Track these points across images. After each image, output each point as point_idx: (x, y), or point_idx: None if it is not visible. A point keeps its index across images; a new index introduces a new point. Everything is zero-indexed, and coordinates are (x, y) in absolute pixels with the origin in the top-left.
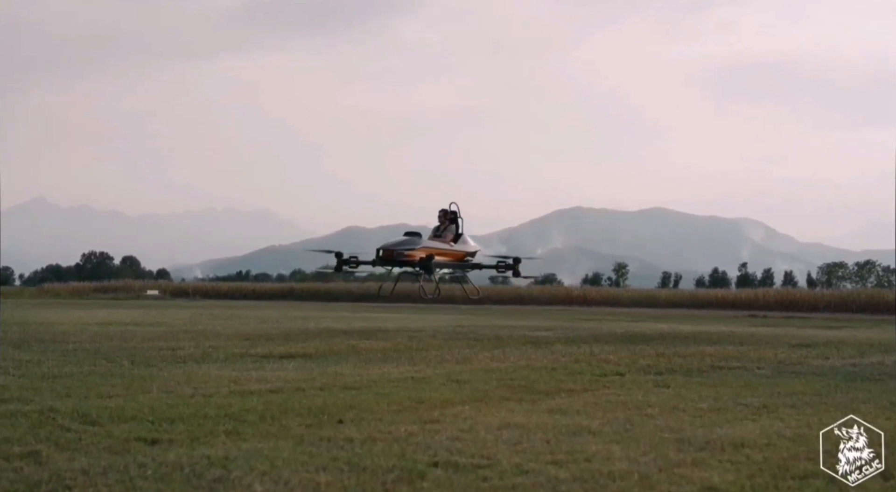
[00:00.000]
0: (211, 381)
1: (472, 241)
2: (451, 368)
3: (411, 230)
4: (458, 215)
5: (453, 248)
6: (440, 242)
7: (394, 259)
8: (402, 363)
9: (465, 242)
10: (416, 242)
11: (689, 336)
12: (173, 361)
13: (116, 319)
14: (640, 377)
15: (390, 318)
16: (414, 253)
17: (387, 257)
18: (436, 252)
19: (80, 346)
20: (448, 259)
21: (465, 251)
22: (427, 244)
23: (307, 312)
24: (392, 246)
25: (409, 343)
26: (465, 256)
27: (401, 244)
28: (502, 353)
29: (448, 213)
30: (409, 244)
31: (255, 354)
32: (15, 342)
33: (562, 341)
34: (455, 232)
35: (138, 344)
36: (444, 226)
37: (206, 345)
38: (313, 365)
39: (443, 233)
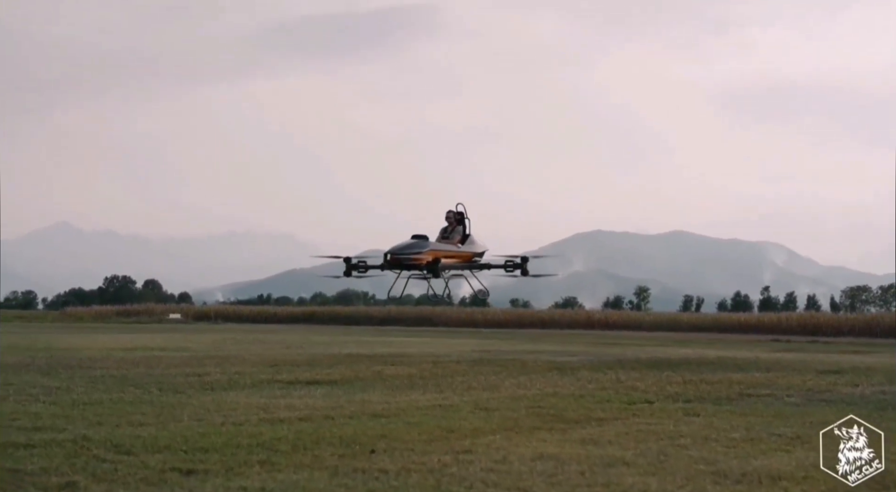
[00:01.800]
0: (240, 408)
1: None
2: (479, 395)
3: (418, 234)
4: (465, 216)
5: (461, 249)
6: (447, 244)
7: (401, 263)
8: (428, 390)
9: (472, 242)
10: (424, 246)
11: (715, 362)
12: (201, 387)
13: (141, 344)
14: (669, 405)
15: (413, 342)
16: (421, 256)
17: (394, 262)
18: (443, 255)
19: (108, 372)
20: (456, 260)
21: (472, 252)
22: (434, 247)
23: (330, 337)
24: (399, 250)
25: (434, 369)
26: (472, 257)
27: (408, 248)
28: (528, 379)
29: (455, 213)
30: (417, 248)
31: (282, 380)
32: (43, 369)
33: (587, 367)
34: (462, 233)
35: (165, 370)
36: (451, 227)
37: (233, 371)
38: (340, 392)
39: (450, 234)
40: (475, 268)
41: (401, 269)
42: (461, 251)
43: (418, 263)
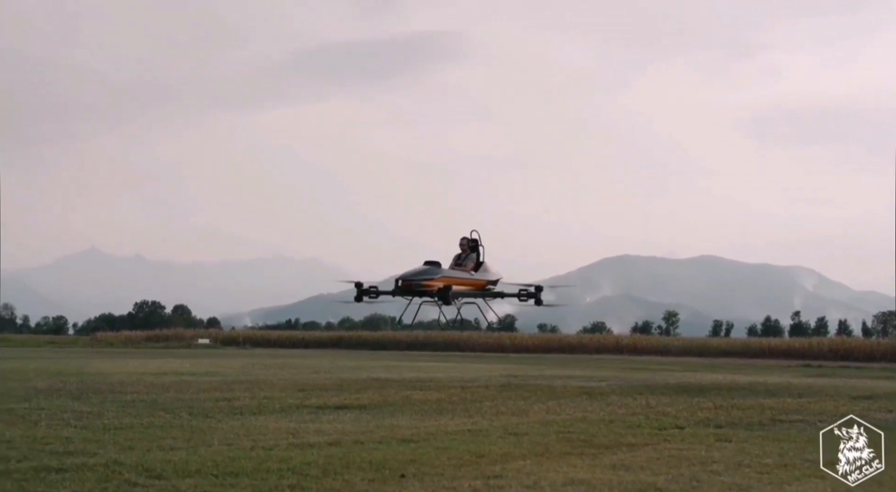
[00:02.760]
0: (269, 433)
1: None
2: (508, 420)
3: (431, 260)
4: (479, 243)
5: (473, 276)
6: (460, 272)
7: (412, 289)
8: (457, 415)
9: (486, 270)
10: (435, 273)
11: (745, 387)
12: (230, 412)
13: (170, 369)
14: (700, 431)
15: (440, 367)
16: (433, 283)
17: (405, 287)
18: (455, 282)
19: (138, 397)
20: (468, 288)
21: (486, 280)
22: (446, 274)
23: (357, 362)
24: (411, 276)
25: (462, 394)
26: (486, 285)
27: (419, 274)
28: (558, 404)
29: (469, 241)
30: (428, 274)
31: (310, 404)
32: (74, 393)
33: (616, 392)
34: (476, 260)
35: (194, 395)
36: (465, 254)
37: (262, 395)
38: (369, 417)
39: (464, 261)
40: (488, 296)
41: (412, 295)
42: (474, 279)
43: (429, 289)
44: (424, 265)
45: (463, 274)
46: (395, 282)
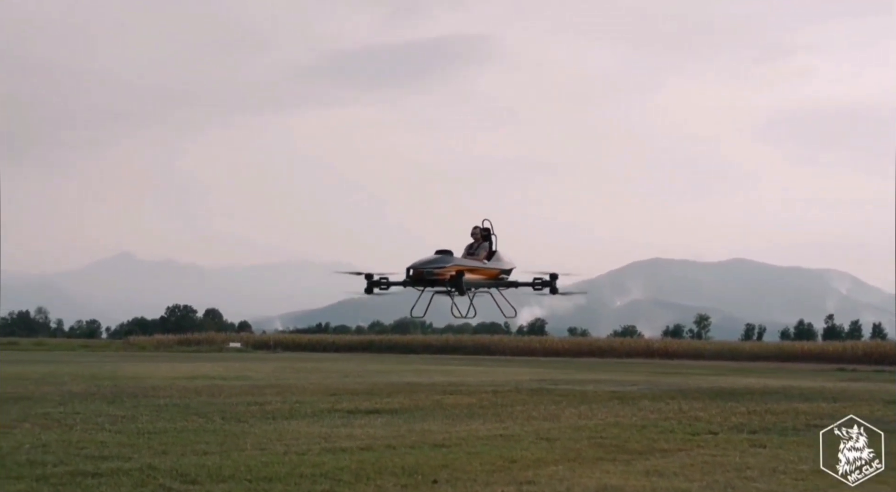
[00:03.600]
0: (302, 437)
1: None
2: (539, 425)
3: (442, 249)
4: (491, 232)
5: (486, 265)
6: (473, 260)
7: (424, 279)
8: (488, 420)
9: (499, 258)
10: (447, 261)
11: (779, 392)
12: (262, 416)
13: (202, 373)
14: (734, 436)
15: (471, 371)
16: (444, 271)
17: (417, 277)
18: (467, 270)
19: (171, 401)
20: (481, 277)
21: (499, 269)
22: (458, 262)
23: (387, 365)
24: (422, 265)
25: (493, 398)
26: (499, 274)
27: (430, 263)
28: (589, 409)
29: (481, 229)
30: (440, 263)
31: (342, 409)
32: (108, 397)
33: (648, 397)
34: (488, 249)
35: (227, 399)
36: (477, 243)
37: (293, 400)
38: (400, 421)
39: (476, 250)
40: (502, 285)
41: (424, 285)
42: (487, 267)
43: (441, 278)
44: (436, 254)
45: (476, 263)
46: (405, 271)
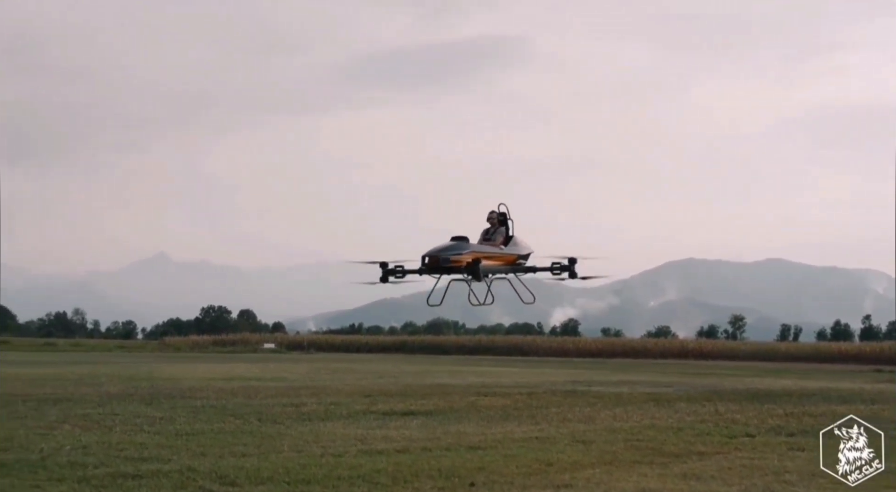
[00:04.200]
0: (338, 439)
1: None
2: (575, 427)
3: (458, 235)
4: (507, 217)
5: (504, 251)
6: (489, 246)
7: (440, 266)
8: (523, 422)
9: (516, 243)
10: (463, 247)
11: (816, 393)
12: (298, 418)
13: (238, 374)
14: (771, 439)
15: (504, 372)
16: (461, 258)
17: (432, 264)
18: (484, 256)
19: (208, 402)
20: (498, 263)
21: (516, 254)
22: (474, 248)
23: (421, 366)
24: (437, 252)
25: (528, 400)
26: (516, 259)
27: (446, 250)
28: (624, 411)
29: (498, 214)
30: (456, 249)
31: (377, 410)
32: (146, 398)
33: (684, 399)
34: (505, 234)
35: (263, 400)
36: (493, 228)
37: (328, 401)
38: (435, 423)
39: (493, 236)
40: (520, 271)
41: (440, 272)
42: (504, 253)
43: (458, 265)
44: (451, 241)
45: (492, 249)
46: (420, 259)
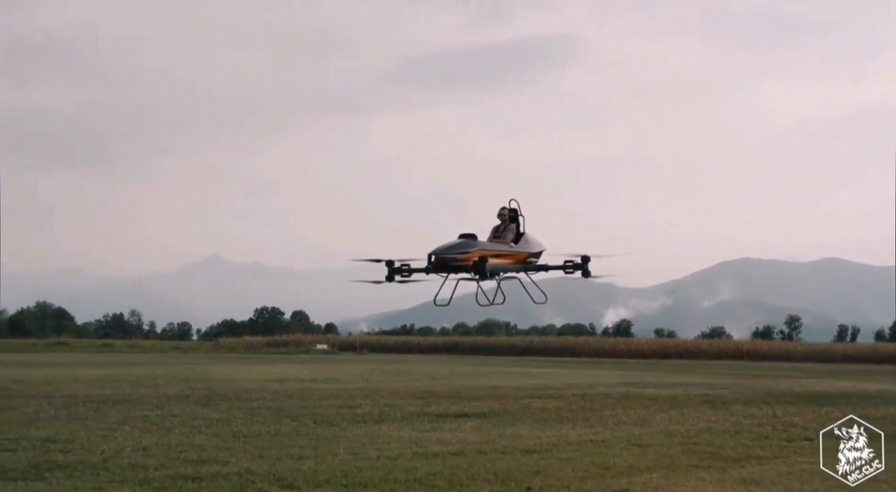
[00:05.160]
0: (393, 442)
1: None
2: (630, 430)
3: (466, 232)
4: (518, 213)
5: (514, 249)
6: (499, 244)
7: (446, 265)
8: (578, 424)
9: (527, 241)
10: (471, 245)
11: (876, 396)
12: (353, 420)
13: (292, 375)
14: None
15: (556, 373)
16: (468, 256)
17: (439, 263)
18: (492, 254)
19: (264, 404)
20: (508, 262)
21: (527, 252)
22: (483, 246)
23: (473, 367)
24: (444, 250)
25: (581, 402)
26: (527, 258)
27: (453, 248)
28: (680, 414)
29: (509, 210)
30: (463, 247)
31: (431, 412)
32: (202, 400)
33: (740, 401)
34: (516, 232)
35: (317, 402)
36: (503, 225)
37: (382, 403)
38: (490, 425)
39: (503, 233)
40: (530, 269)
41: (446, 271)
42: (514, 251)
43: (465, 263)
44: (459, 238)
45: (502, 246)
46: (427, 257)
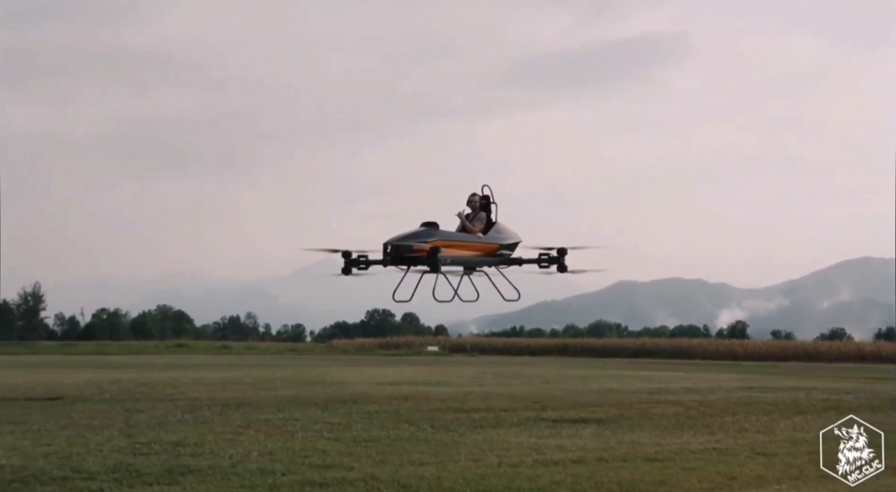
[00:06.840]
0: (512, 448)
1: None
2: (754, 438)
3: (429, 221)
4: (490, 200)
5: (481, 239)
6: (464, 234)
7: (402, 256)
8: (699, 431)
9: (498, 231)
10: (430, 234)
11: None
12: (470, 425)
13: (406, 378)
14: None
15: (671, 377)
16: (425, 247)
17: (394, 254)
18: (454, 245)
19: (381, 408)
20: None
21: (497, 243)
22: (443, 235)
23: (585, 370)
24: (399, 240)
25: (700, 408)
26: (498, 249)
27: (409, 238)
28: (804, 421)
29: (481, 197)
30: (420, 237)
31: (547, 417)
32: (321, 404)
33: (867, 408)
34: (486, 220)
35: (433, 406)
36: (473, 214)
37: (498, 407)
38: (608, 432)
39: (472, 221)
40: (502, 263)
41: (404, 263)
42: (482, 242)
43: (420, 254)
44: (420, 227)
45: (468, 236)
46: (382, 247)
